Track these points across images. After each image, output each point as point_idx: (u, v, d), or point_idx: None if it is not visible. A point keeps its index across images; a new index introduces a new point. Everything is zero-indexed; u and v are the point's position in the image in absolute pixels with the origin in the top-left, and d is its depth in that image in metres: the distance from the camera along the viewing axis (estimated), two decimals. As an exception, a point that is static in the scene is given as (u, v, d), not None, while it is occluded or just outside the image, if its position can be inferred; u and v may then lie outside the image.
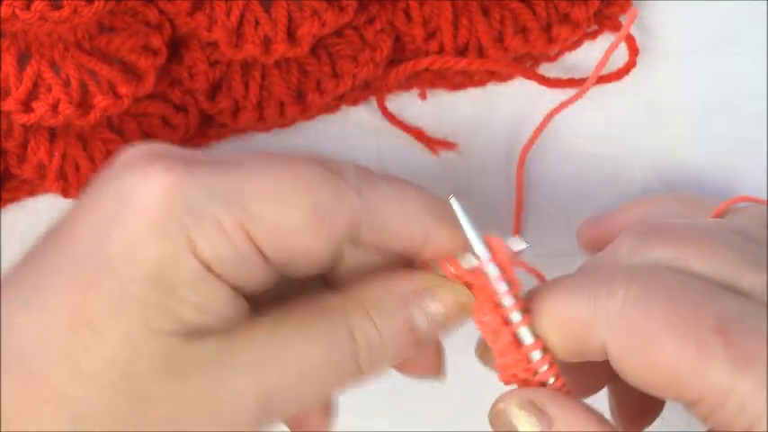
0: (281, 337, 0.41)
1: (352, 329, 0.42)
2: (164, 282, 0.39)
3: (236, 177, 0.41)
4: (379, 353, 0.42)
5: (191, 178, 0.40)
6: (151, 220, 0.39)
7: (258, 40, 0.50)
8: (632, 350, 0.40)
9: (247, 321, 0.41)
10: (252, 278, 0.41)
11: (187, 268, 0.40)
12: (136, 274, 0.39)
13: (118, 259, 0.40)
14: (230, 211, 0.40)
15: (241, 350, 0.41)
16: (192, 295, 0.40)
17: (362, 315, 0.42)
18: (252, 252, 0.40)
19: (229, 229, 0.40)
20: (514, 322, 0.42)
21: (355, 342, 0.42)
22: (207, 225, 0.40)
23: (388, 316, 0.42)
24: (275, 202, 0.40)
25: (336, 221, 0.41)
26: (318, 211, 0.41)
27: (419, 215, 0.43)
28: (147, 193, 0.40)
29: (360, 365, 0.42)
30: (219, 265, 0.40)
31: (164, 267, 0.39)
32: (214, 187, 0.40)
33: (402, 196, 0.43)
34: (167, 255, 0.39)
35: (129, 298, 0.39)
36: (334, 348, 0.41)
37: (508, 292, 0.42)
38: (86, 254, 0.40)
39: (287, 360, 0.41)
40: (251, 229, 0.40)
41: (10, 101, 0.48)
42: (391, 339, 0.42)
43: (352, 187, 0.42)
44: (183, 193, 0.40)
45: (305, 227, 0.41)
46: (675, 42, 0.55)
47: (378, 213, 0.42)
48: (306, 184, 0.41)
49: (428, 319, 0.43)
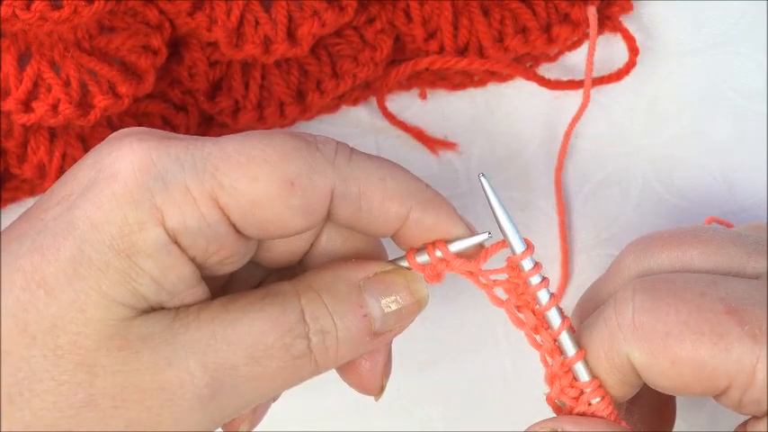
0: (230, 316, 0.41)
1: (304, 311, 0.41)
2: (125, 249, 0.39)
3: (207, 147, 0.40)
4: (331, 338, 0.42)
5: (162, 149, 0.40)
6: (119, 187, 0.39)
7: (258, 40, 0.50)
8: (654, 354, 0.40)
9: (201, 302, 0.41)
10: (222, 251, 0.41)
11: (151, 236, 0.39)
12: (96, 238, 0.39)
13: (81, 223, 0.39)
14: (199, 180, 0.40)
15: (191, 327, 0.40)
16: (152, 266, 0.40)
17: (313, 298, 0.42)
18: (221, 221, 0.40)
19: (198, 197, 0.40)
20: (555, 327, 0.43)
21: (306, 324, 0.41)
22: (175, 193, 0.39)
23: (339, 300, 0.42)
24: (244, 169, 0.40)
25: (308, 191, 0.41)
26: (289, 179, 0.40)
27: (400, 193, 0.42)
28: (119, 162, 0.40)
29: (311, 349, 0.41)
30: (187, 236, 0.40)
31: (126, 234, 0.39)
32: (184, 156, 0.40)
33: (382, 172, 0.42)
34: (132, 221, 0.39)
35: (86, 262, 0.39)
36: (285, 328, 0.41)
37: (545, 289, 0.43)
38: (52, 219, 0.40)
39: (238, 338, 0.40)
40: (220, 197, 0.40)
41: (10, 101, 0.48)
42: (344, 324, 0.42)
43: (326, 157, 0.41)
44: (153, 163, 0.40)
45: (275, 195, 0.40)
46: (675, 42, 0.55)
47: (353, 185, 0.41)
48: (278, 153, 0.40)
49: (383, 307, 0.43)
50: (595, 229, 0.55)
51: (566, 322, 0.42)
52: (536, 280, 0.42)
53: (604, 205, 0.55)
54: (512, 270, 0.43)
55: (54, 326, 0.39)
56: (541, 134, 0.55)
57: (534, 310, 0.42)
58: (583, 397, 0.42)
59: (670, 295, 0.41)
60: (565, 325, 0.42)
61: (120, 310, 0.39)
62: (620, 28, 0.54)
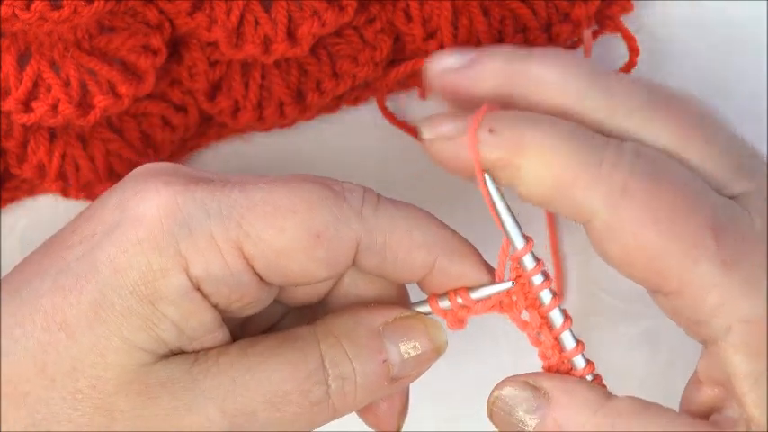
0: (250, 361, 0.41)
1: (323, 357, 0.41)
2: (147, 294, 0.39)
3: (234, 194, 0.40)
4: (350, 383, 0.42)
5: (188, 194, 0.40)
6: (144, 231, 0.39)
7: (258, 40, 0.50)
8: (625, 227, 0.40)
9: (220, 346, 0.41)
10: (244, 298, 0.41)
11: (174, 283, 0.39)
12: (120, 283, 0.39)
13: (104, 266, 0.39)
14: (225, 228, 0.40)
15: (210, 373, 0.40)
16: (174, 312, 0.39)
17: (333, 344, 0.42)
18: (244, 270, 0.40)
19: (222, 245, 0.40)
20: (557, 327, 0.43)
21: (325, 369, 0.41)
22: (200, 240, 0.39)
23: (359, 345, 0.42)
24: (271, 220, 0.40)
25: (333, 243, 0.40)
26: (315, 231, 0.40)
27: (426, 243, 0.42)
28: (144, 205, 0.40)
29: (330, 395, 0.41)
30: (210, 283, 0.40)
31: (150, 280, 0.39)
32: (210, 203, 0.40)
33: (408, 222, 0.42)
34: (156, 268, 0.39)
35: (108, 306, 0.39)
36: (304, 374, 0.41)
37: (548, 290, 0.43)
38: (74, 260, 0.40)
39: (256, 384, 0.40)
40: (245, 246, 0.40)
41: (10, 101, 0.48)
42: (363, 370, 0.42)
43: (353, 209, 0.41)
44: (179, 208, 0.40)
45: (300, 247, 0.40)
46: (675, 42, 0.55)
47: (379, 237, 0.41)
48: (304, 203, 0.40)
49: (402, 353, 0.43)
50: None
51: (568, 322, 0.43)
52: (539, 279, 0.42)
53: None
54: (518, 271, 0.43)
55: (74, 369, 0.39)
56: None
57: (538, 310, 0.43)
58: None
59: (670, 184, 0.40)
60: (567, 325, 0.43)
61: (141, 355, 0.40)
62: (620, 28, 0.54)
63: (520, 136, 0.41)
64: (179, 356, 0.40)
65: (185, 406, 0.40)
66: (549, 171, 0.40)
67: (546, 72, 0.43)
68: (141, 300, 0.39)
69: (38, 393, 0.39)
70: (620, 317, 0.55)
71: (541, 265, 0.43)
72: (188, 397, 0.40)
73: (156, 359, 0.40)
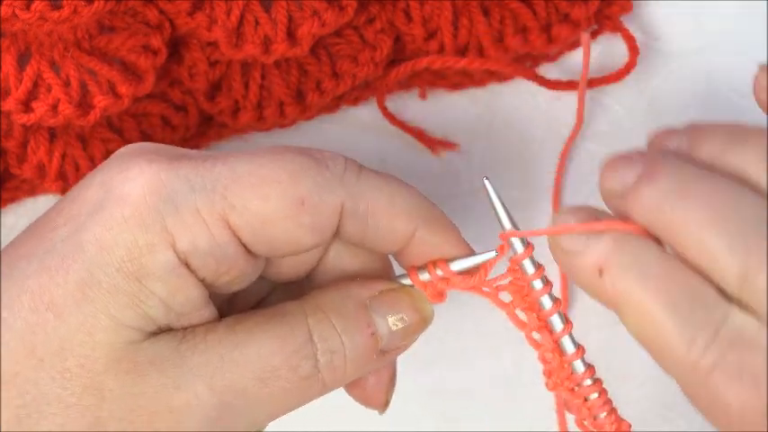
0: (237, 337, 0.41)
1: (311, 331, 0.41)
2: (134, 271, 0.39)
3: (218, 168, 0.40)
4: (339, 357, 0.42)
5: (172, 170, 0.40)
6: (128, 209, 0.39)
7: (258, 40, 0.50)
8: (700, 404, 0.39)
9: (208, 323, 0.41)
10: (231, 270, 0.41)
11: (160, 259, 0.39)
12: (106, 261, 0.39)
13: (90, 245, 0.39)
14: (209, 201, 0.40)
15: (198, 350, 0.40)
16: (161, 289, 0.39)
17: (321, 318, 0.42)
18: (231, 241, 0.40)
19: (208, 218, 0.40)
20: (557, 331, 0.43)
21: (314, 344, 0.41)
22: (185, 215, 0.39)
23: (347, 319, 0.42)
24: (255, 190, 0.40)
25: (318, 208, 0.41)
26: (299, 198, 0.40)
27: (407, 211, 0.42)
28: (129, 184, 0.40)
29: (319, 369, 0.41)
30: (197, 257, 0.40)
31: (136, 256, 0.39)
32: (194, 178, 0.40)
33: (390, 189, 0.42)
34: (142, 244, 0.39)
35: (95, 285, 0.39)
36: (292, 349, 0.41)
37: (548, 296, 0.43)
38: (60, 240, 0.40)
39: (245, 360, 0.40)
40: (230, 217, 0.40)
41: (10, 101, 0.48)
42: (351, 344, 0.42)
43: (335, 175, 0.41)
44: (163, 184, 0.40)
45: (285, 214, 0.40)
46: (675, 42, 0.55)
47: (362, 203, 0.42)
48: (287, 171, 0.40)
49: (389, 325, 0.43)
50: (595, 229, 0.55)
51: (568, 327, 0.43)
52: (539, 284, 0.42)
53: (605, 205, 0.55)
54: (515, 273, 0.43)
55: (62, 348, 0.39)
56: (542, 134, 0.55)
57: (538, 314, 0.43)
58: (579, 390, 0.43)
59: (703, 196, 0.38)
60: (567, 330, 0.43)
61: (129, 333, 0.39)
62: (620, 28, 0.54)
63: (620, 290, 0.40)
64: (167, 334, 0.40)
65: (174, 383, 0.40)
66: (643, 334, 0.40)
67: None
68: (128, 277, 0.39)
69: (26, 374, 0.39)
70: (620, 317, 0.55)
71: (542, 270, 0.43)
72: (176, 374, 0.40)
73: (144, 337, 0.40)
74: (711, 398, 0.38)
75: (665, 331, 0.39)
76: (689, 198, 0.39)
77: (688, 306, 0.39)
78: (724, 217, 0.38)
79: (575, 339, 0.43)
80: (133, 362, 0.39)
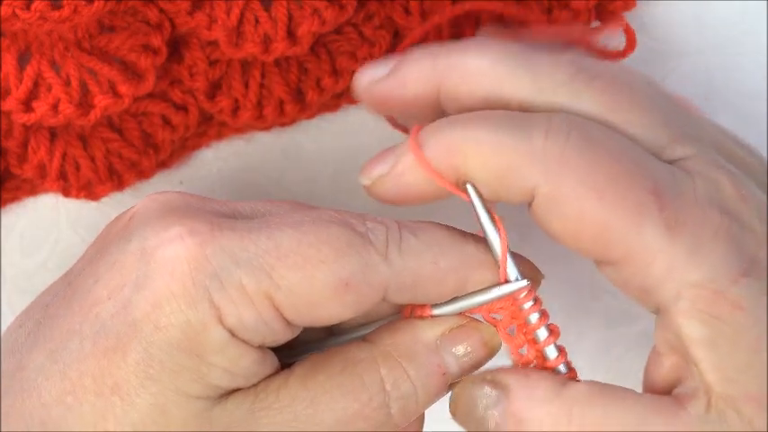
0: (312, 392, 0.41)
1: (384, 380, 0.41)
2: (191, 348, 0.39)
3: (262, 242, 0.40)
4: (411, 401, 0.42)
5: (216, 243, 0.40)
6: (176, 285, 0.39)
7: (258, 39, 0.50)
8: (566, 198, 0.39)
9: (277, 377, 0.41)
10: (276, 341, 0.41)
11: (214, 335, 0.39)
12: (162, 340, 0.39)
13: (143, 324, 0.39)
14: (255, 278, 0.39)
15: (272, 410, 0.40)
16: (221, 360, 0.39)
17: (393, 365, 0.42)
18: (275, 318, 0.40)
19: (253, 296, 0.39)
20: (541, 341, 0.42)
21: (387, 392, 0.41)
22: (231, 291, 0.39)
23: (420, 364, 0.42)
24: (300, 270, 0.40)
25: (362, 289, 0.40)
26: (344, 280, 0.40)
27: (453, 268, 0.42)
28: (172, 256, 0.39)
29: (392, 415, 0.41)
30: (243, 332, 0.40)
31: (190, 334, 0.39)
32: (239, 253, 0.40)
33: (433, 251, 0.42)
34: (194, 321, 0.39)
35: (156, 364, 0.39)
36: (366, 401, 0.41)
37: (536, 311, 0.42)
38: (110, 317, 0.40)
39: (320, 415, 0.40)
40: (275, 296, 0.40)
41: (10, 100, 0.48)
42: (423, 387, 0.42)
43: (379, 252, 0.41)
44: (208, 259, 0.39)
45: (330, 296, 0.40)
46: (675, 42, 0.54)
47: (408, 276, 0.41)
48: (332, 251, 0.40)
49: (458, 361, 0.42)
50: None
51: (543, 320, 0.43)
52: (534, 318, 0.42)
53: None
54: (510, 305, 0.43)
55: (135, 430, 0.39)
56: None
57: (529, 340, 0.42)
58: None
59: (607, 151, 0.40)
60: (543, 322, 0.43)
61: (200, 404, 0.39)
62: (621, 23, 0.54)
63: (451, 142, 0.41)
64: (238, 394, 0.40)
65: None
66: (487, 164, 0.40)
67: (471, 60, 0.43)
68: (188, 354, 0.39)
69: None
70: (619, 317, 0.55)
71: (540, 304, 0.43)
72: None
73: (215, 402, 0.40)
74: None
75: (504, 146, 0.40)
76: (457, 49, 0.42)
77: (510, 117, 0.41)
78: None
79: (548, 328, 0.43)
80: (208, 430, 0.39)
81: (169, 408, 0.39)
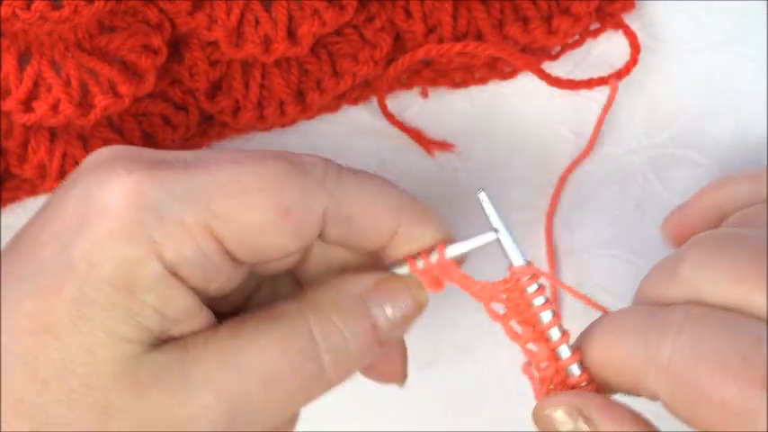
0: (239, 341, 0.41)
1: (312, 331, 0.41)
2: (125, 285, 0.39)
3: (200, 177, 0.40)
4: (342, 354, 0.42)
5: (153, 180, 0.40)
6: (113, 223, 0.39)
7: (258, 40, 0.50)
8: (682, 401, 0.39)
9: (208, 330, 0.41)
10: (219, 277, 0.41)
11: (149, 271, 0.39)
12: (97, 277, 0.39)
13: (80, 263, 0.39)
14: (194, 212, 0.40)
15: (201, 360, 0.40)
16: (153, 299, 0.39)
17: (321, 316, 0.42)
18: (217, 251, 0.40)
19: (193, 229, 0.40)
20: (554, 339, 0.42)
21: (316, 343, 0.41)
22: (170, 226, 0.39)
23: (347, 314, 0.42)
24: (239, 200, 0.40)
25: (302, 217, 0.41)
26: (284, 207, 0.40)
27: (389, 210, 0.43)
28: (110, 196, 0.40)
29: (324, 368, 0.41)
30: (184, 267, 0.40)
31: (126, 271, 0.39)
32: (177, 188, 0.40)
33: (371, 190, 0.43)
34: (130, 258, 0.39)
35: (90, 302, 0.39)
36: (295, 351, 0.41)
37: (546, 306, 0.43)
38: (50, 259, 0.40)
39: (249, 366, 0.40)
40: (215, 227, 0.40)
41: (10, 101, 0.48)
42: (354, 339, 0.42)
43: (317, 182, 0.41)
44: (146, 196, 0.39)
45: (270, 224, 0.40)
46: (675, 42, 0.55)
47: (344, 207, 0.42)
48: (270, 180, 0.40)
49: (388, 316, 0.43)
50: (595, 229, 0.55)
51: (565, 337, 0.43)
52: (539, 301, 0.42)
53: (604, 205, 0.55)
54: (512, 287, 0.43)
55: (64, 369, 0.39)
56: (541, 134, 0.55)
57: (535, 327, 0.43)
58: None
59: (713, 349, 0.39)
60: (564, 340, 0.42)
61: (129, 347, 0.39)
62: (621, 25, 0.54)
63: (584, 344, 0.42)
64: (168, 345, 0.40)
65: (181, 396, 0.40)
66: (610, 367, 0.41)
67: None
68: (120, 291, 0.39)
69: (32, 399, 0.39)
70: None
71: (543, 289, 0.43)
72: (182, 386, 0.40)
73: (145, 350, 0.40)
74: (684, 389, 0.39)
75: (624, 352, 0.41)
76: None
77: (633, 320, 0.41)
78: None
79: (570, 346, 0.43)
80: (136, 377, 0.39)
81: (98, 349, 0.39)
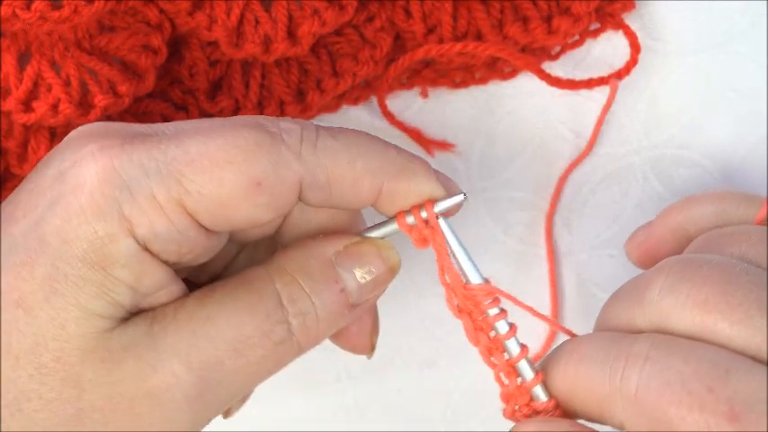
0: (207, 311, 0.41)
1: (280, 295, 0.41)
2: (98, 261, 0.39)
3: (171, 150, 0.40)
4: (311, 318, 0.42)
5: (125, 156, 0.40)
6: (85, 199, 0.39)
7: (258, 40, 0.50)
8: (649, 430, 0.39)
9: (177, 300, 0.41)
10: (194, 249, 0.41)
11: (122, 247, 0.39)
12: (69, 253, 0.39)
13: (52, 239, 0.39)
14: (165, 186, 0.40)
15: (170, 329, 0.40)
16: (126, 275, 0.39)
17: (288, 280, 0.42)
18: (190, 225, 0.40)
19: (164, 203, 0.40)
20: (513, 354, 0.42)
21: (284, 308, 0.41)
22: (141, 201, 0.39)
23: (314, 279, 0.42)
24: (210, 173, 0.40)
25: (275, 188, 0.40)
26: (255, 179, 0.40)
27: (370, 171, 0.42)
28: (83, 173, 0.40)
29: (293, 332, 0.41)
30: (157, 242, 0.40)
31: (98, 246, 0.39)
32: (148, 162, 0.40)
33: (350, 152, 0.42)
34: (102, 233, 0.39)
35: (62, 278, 0.39)
36: (263, 315, 0.41)
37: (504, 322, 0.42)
38: (22, 235, 0.40)
39: (218, 333, 0.40)
40: (187, 202, 0.40)
41: (10, 100, 0.48)
42: (322, 303, 0.42)
43: (292, 150, 0.41)
44: (118, 172, 0.39)
45: (242, 197, 0.40)
46: (675, 42, 0.55)
47: (321, 174, 0.41)
48: (241, 151, 0.40)
49: (358, 279, 0.43)
50: (595, 229, 0.55)
51: (524, 351, 0.42)
52: (494, 311, 0.42)
53: (604, 205, 0.55)
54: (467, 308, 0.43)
55: (36, 344, 0.39)
56: (542, 134, 0.55)
57: (490, 338, 0.42)
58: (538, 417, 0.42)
59: (678, 382, 0.38)
60: (523, 354, 0.42)
61: (100, 322, 0.40)
62: (621, 25, 0.54)
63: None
64: (138, 317, 0.40)
65: (150, 366, 0.40)
66: (575, 394, 0.41)
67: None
68: (93, 267, 0.39)
69: (5, 374, 0.39)
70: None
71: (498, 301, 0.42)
72: (151, 356, 0.40)
73: (116, 324, 0.40)
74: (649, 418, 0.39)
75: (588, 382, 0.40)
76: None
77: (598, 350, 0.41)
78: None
79: (532, 365, 0.42)
80: (107, 350, 0.39)
81: (69, 324, 0.39)
